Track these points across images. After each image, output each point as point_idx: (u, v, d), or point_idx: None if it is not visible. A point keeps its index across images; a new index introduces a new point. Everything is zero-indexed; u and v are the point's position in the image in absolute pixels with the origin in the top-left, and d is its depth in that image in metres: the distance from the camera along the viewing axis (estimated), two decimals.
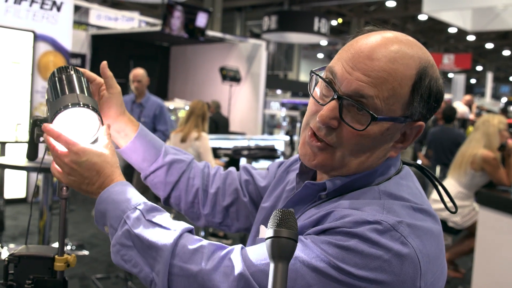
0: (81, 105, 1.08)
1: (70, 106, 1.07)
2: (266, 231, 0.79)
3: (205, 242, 0.99)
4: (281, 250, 0.76)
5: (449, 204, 1.15)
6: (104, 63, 1.27)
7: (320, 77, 1.03)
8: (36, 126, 1.13)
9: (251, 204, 1.36)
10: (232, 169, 1.43)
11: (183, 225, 1.03)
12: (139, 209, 1.04)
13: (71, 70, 1.18)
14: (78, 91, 1.11)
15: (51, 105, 1.10)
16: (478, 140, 4.60)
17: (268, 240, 0.77)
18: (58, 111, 1.07)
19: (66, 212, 1.18)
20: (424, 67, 0.98)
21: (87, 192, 1.11)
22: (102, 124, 1.13)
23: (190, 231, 1.03)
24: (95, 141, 1.13)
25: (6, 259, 1.13)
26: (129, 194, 1.08)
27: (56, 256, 1.14)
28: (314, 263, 0.89)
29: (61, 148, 1.09)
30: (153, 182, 1.37)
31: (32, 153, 1.19)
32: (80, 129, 1.11)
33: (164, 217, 1.05)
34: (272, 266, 0.76)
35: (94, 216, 1.10)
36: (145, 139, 1.33)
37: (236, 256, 0.95)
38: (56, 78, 1.15)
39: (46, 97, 1.16)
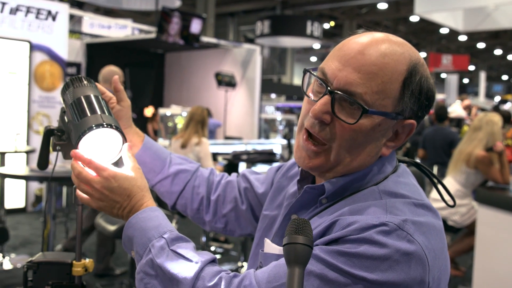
0: (105, 125, 1.09)
1: (94, 128, 1.08)
2: (284, 239, 0.82)
3: (223, 274, 1.00)
4: (297, 256, 0.79)
5: (448, 199, 1.17)
6: (116, 77, 1.31)
7: (313, 73, 1.05)
8: (53, 135, 1.15)
9: (249, 211, 1.40)
10: (233, 176, 1.47)
11: (205, 256, 1.04)
12: (164, 238, 1.04)
13: (85, 80, 1.21)
14: (99, 112, 1.12)
15: (74, 127, 1.10)
16: (481, 140, 4.56)
17: (285, 246, 0.80)
18: (83, 133, 1.07)
19: (82, 218, 1.20)
20: (415, 64, 1.01)
21: (117, 216, 1.12)
22: (126, 141, 1.14)
23: (213, 261, 1.04)
24: (119, 160, 1.14)
25: (25, 266, 1.15)
26: (157, 221, 1.08)
27: (73, 262, 1.16)
28: (326, 274, 0.91)
29: (91, 173, 1.08)
30: (159, 191, 1.43)
31: (43, 163, 1.21)
32: (105, 149, 1.12)
33: (188, 247, 1.05)
34: (288, 271, 0.79)
35: (122, 239, 1.11)
36: (150, 151, 1.38)
37: (251, 283, 0.96)
38: (75, 99, 1.15)
39: (67, 119, 1.15)
